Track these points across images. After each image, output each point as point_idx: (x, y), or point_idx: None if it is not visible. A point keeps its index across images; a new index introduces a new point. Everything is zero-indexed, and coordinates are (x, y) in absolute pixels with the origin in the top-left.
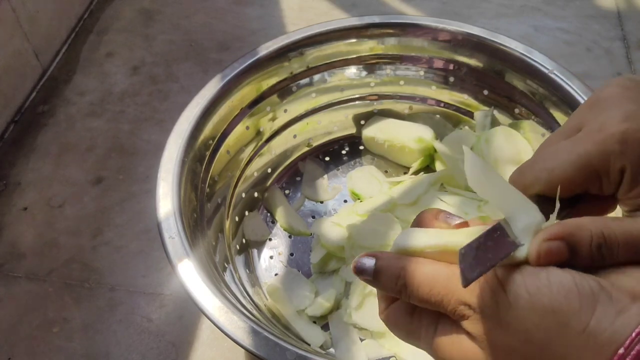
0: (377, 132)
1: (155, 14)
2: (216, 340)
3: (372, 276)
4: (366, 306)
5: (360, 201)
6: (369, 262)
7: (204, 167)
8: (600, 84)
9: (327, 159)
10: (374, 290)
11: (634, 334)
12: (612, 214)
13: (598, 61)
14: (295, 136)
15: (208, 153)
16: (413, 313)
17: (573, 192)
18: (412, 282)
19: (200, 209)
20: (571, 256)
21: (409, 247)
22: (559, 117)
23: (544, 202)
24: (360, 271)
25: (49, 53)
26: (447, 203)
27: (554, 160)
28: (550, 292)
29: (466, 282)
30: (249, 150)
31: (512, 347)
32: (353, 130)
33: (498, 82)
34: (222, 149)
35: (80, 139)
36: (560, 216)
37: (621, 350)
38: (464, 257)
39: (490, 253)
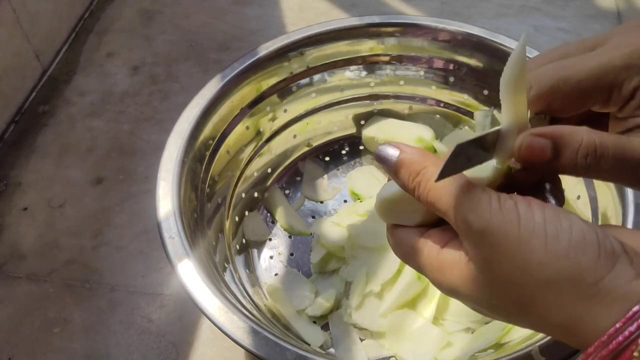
0: (377, 132)
1: (155, 14)
2: (216, 340)
3: (393, 167)
4: (366, 306)
5: (360, 201)
6: (393, 153)
7: (204, 167)
8: None
9: (327, 159)
10: (374, 290)
11: None
12: None
13: None
14: (295, 136)
15: (208, 153)
16: (422, 234)
17: (581, 105)
18: (426, 184)
19: (200, 209)
20: (553, 157)
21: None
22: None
23: (541, 119)
24: (382, 160)
25: (49, 53)
26: None
27: (572, 69)
28: (569, 240)
29: (438, 177)
30: (249, 150)
31: (511, 280)
32: (353, 130)
33: (498, 82)
34: (222, 149)
35: (80, 139)
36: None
37: (636, 308)
38: (452, 154)
39: (472, 155)
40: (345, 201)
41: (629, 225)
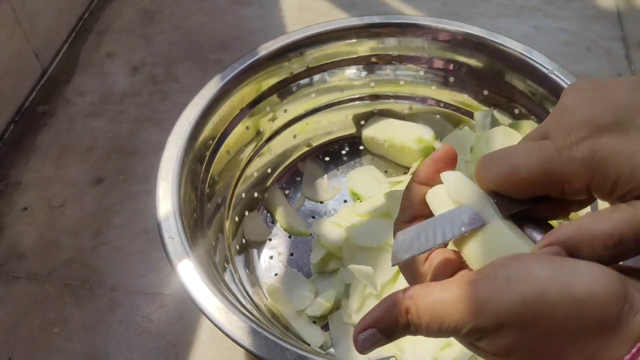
0: (377, 132)
1: (155, 14)
2: (216, 340)
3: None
4: (366, 308)
5: (360, 201)
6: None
7: (204, 167)
8: None
9: (327, 159)
10: (374, 291)
11: None
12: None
13: (598, 61)
14: (295, 136)
15: (208, 153)
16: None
17: (533, 194)
18: (419, 320)
19: (200, 209)
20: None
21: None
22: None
23: (502, 198)
24: (366, 346)
25: (49, 53)
26: None
27: (521, 160)
28: (586, 286)
29: (395, 261)
30: (249, 150)
31: (536, 350)
32: (353, 130)
33: (498, 82)
34: (222, 149)
35: (80, 139)
36: (521, 213)
37: None
38: (400, 237)
39: (441, 229)
40: (345, 201)
41: None
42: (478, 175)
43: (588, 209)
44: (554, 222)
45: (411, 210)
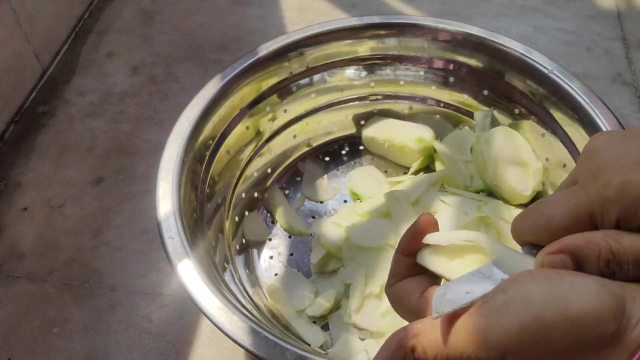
0: (377, 132)
1: (155, 15)
2: (216, 340)
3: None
4: (366, 307)
5: (360, 201)
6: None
7: (204, 167)
8: (600, 84)
9: (327, 159)
10: (374, 291)
11: None
12: None
13: (598, 61)
14: (295, 136)
15: (208, 153)
16: (422, 293)
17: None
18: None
19: (200, 209)
20: (577, 269)
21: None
22: (559, 117)
23: (538, 248)
24: None
25: (49, 53)
26: (446, 203)
27: (552, 208)
28: (581, 301)
29: (436, 315)
30: (249, 150)
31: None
32: (353, 130)
33: (498, 82)
34: (222, 149)
35: (80, 139)
36: None
37: None
38: (441, 293)
39: (472, 287)
40: (345, 201)
41: None
42: (514, 229)
43: None
44: None
45: (399, 277)
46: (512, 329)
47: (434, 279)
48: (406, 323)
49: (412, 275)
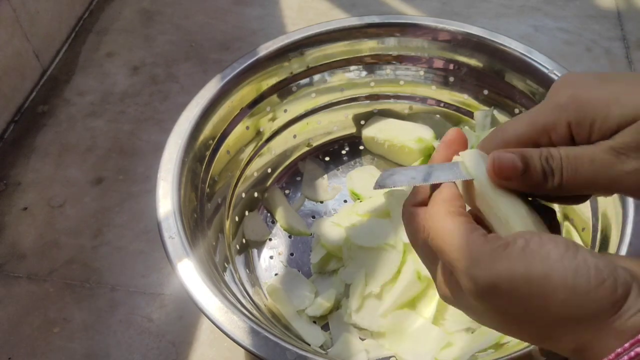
0: (377, 132)
1: (155, 14)
2: (216, 340)
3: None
4: (366, 307)
5: (360, 201)
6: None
7: (204, 167)
8: None
9: (327, 159)
10: (374, 291)
11: None
12: None
13: (598, 61)
14: (295, 136)
15: (208, 153)
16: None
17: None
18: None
19: (200, 209)
20: (524, 169)
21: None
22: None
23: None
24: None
25: (49, 53)
26: None
27: (512, 123)
28: (588, 277)
29: (376, 186)
30: (249, 150)
31: (528, 320)
32: (353, 130)
33: (498, 82)
34: (222, 149)
35: (80, 139)
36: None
37: None
38: (387, 171)
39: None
40: (345, 201)
41: (629, 225)
42: (479, 146)
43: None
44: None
45: (422, 194)
46: (518, 272)
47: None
48: (407, 322)
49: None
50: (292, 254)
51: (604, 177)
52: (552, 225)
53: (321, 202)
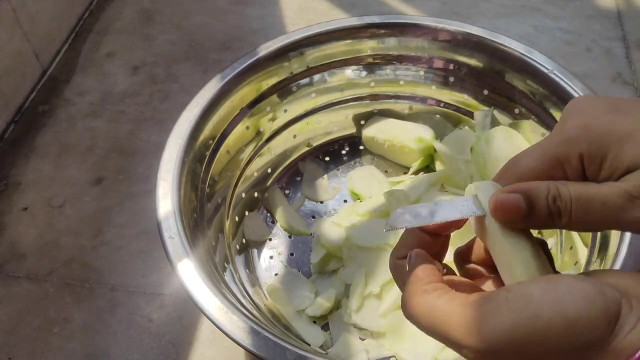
0: (377, 132)
1: (155, 14)
2: (216, 340)
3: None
4: (366, 307)
5: (360, 201)
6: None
7: (204, 167)
8: (600, 84)
9: (327, 159)
10: (374, 291)
11: None
12: None
13: (598, 61)
14: (295, 136)
15: (208, 153)
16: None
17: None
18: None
19: (200, 209)
20: (529, 210)
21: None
22: (559, 117)
23: None
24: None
25: (49, 53)
26: None
27: (523, 155)
28: (576, 307)
29: (388, 228)
30: (249, 150)
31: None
32: (353, 130)
33: (498, 82)
34: (222, 149)
35: (80, 139)
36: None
37: (637, 354)
38: (399, 210)
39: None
40: (345, 201)
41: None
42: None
43: None
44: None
45: (405, 249)
46: (507, 325)
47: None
48: (407, 322)
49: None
50: (292, 254)
51: (614, 221)
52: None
53: (321, 202)
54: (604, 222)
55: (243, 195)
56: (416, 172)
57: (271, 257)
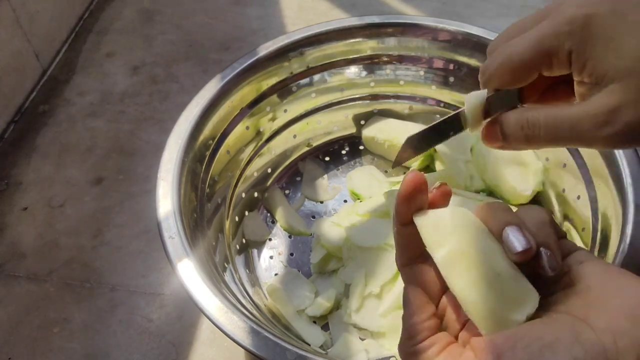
0: (377, 132)
1: (155, 14)
2: (216, 340)
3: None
4: (366, 307)
5: (360, 201)
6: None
7: (204, 167)
8: None
9: (327, 159)
10: (374, 291)
11: None
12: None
13: None
14: (295, 136)
15: (208, 153)
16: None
17: (529, 75)
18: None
19: (200, 209)
20: (504, 138)
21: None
22: None
23: (507, 92)
24: None
25: (49, 53)
26: None
27: (515, 46)
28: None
29: (396, 164)
30: (249, 150)
31: None
32: (353, 130)
33: None
34: (222, 149)
35: (80, 139)
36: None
37: None
38: (407, 142)
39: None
40: (345, 201)
41: (629, 225)
42: (482, 73)
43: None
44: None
45: (408, 251)
46: None
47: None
48: None
49: (418, 254)
50: (292, 254)
51: (581, 141)
52: None
53: (321, 202)
54: (571, 142)
55: (243, 195)
56: None
57: (271, 257)
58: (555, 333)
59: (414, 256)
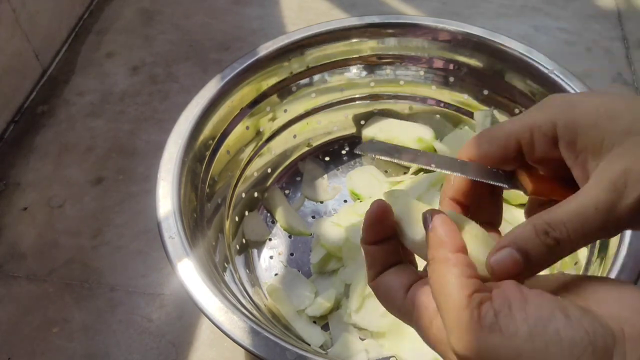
0: (377, 132)
1: (155, 14)
2: (216, 340)
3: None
4: (366, 307)
5: (360, 201)
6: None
7: (204, 167)
8: (600, 84)
9: (327, 159)
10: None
11: None
12: None
13: (598, 61)
14: (295, 136)
15: (208, 153)
16: (407, 291)
17: (510, 153)
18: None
19: (200, 209)
20: (526, 261)
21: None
22: None
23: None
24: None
25: (49, 53)
26: None
27: (500, 125)
28: (562, 350)
29: (359, 150)
30: (249, 150)
31: None
32: (353, 130)
33: (498, 82)
34: (222, 149)
35: (80, 139)
36: (513, 184)
37: None
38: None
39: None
40: (345, 201)
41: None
42: (466, 147)
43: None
44: None
45: (377, 269)
46: (486, 355)
47: (415, 269)
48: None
49: (391, 264)
50: (292, 254)
51: (613, 219)
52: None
53: (321, 202)
54: (605, 226)
55: (243, 195)
56: (416, 172)
57: (271, 257)
58: (565, 303)
59: (382, 269)
